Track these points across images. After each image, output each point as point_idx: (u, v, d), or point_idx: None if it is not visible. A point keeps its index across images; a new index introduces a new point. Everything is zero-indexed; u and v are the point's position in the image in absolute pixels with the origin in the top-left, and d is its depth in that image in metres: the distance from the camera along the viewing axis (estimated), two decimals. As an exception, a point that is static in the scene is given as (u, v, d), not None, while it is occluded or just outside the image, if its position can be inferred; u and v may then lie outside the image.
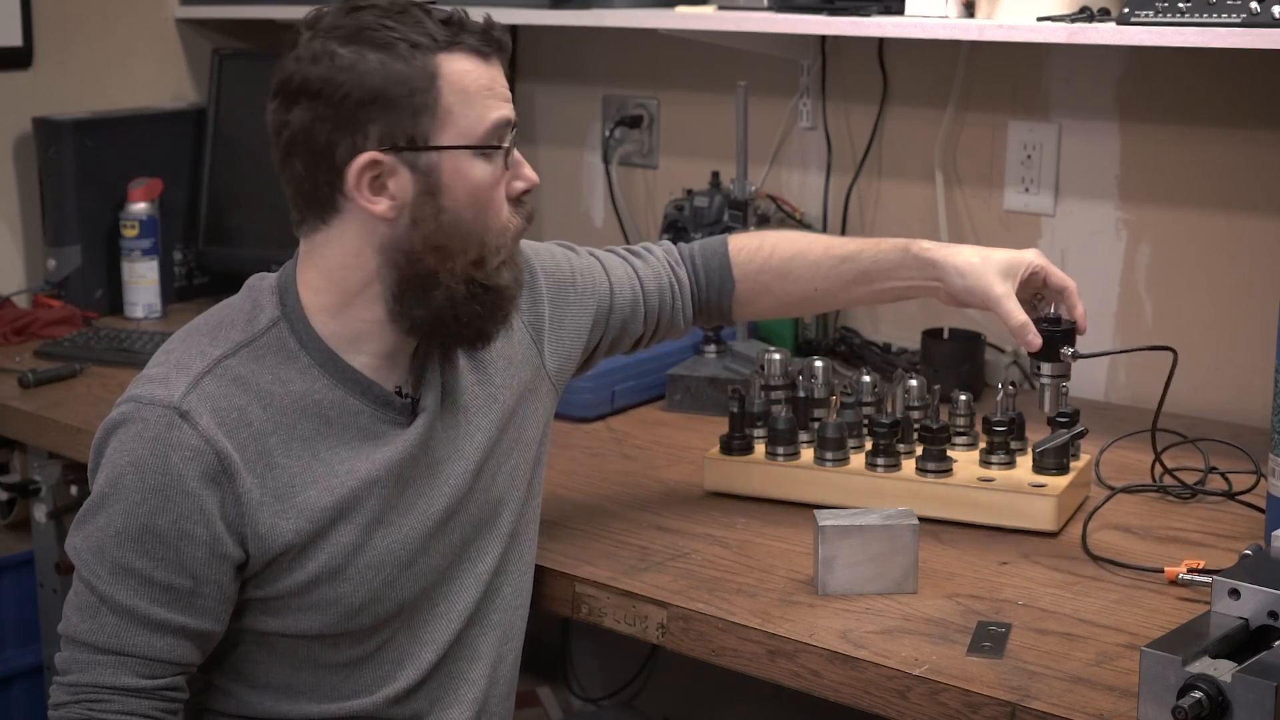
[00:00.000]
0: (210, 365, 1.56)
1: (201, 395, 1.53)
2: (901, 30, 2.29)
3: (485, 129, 1.57)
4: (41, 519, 2.61)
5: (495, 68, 1.59)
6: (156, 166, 3.06)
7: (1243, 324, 2.34)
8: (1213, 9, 1.96)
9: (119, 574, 1.51)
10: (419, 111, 1.54)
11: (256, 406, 1.56)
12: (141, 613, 1.51)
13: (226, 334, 1.60)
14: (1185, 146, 2.38)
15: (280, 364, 1.58)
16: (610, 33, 2.83)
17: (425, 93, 1.54)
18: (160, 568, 1.51)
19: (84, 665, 1.52)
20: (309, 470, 1.57)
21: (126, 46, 3.23)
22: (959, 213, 2.63)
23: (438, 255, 1.57)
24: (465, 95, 1.56)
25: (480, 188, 1.57)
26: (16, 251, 3.08)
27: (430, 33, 1.55)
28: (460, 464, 1.68)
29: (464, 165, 1.57)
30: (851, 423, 2.02)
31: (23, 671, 2.76)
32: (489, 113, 1.57)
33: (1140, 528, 1.92)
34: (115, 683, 1.51)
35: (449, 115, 1.56)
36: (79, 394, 2.54)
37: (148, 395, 1.54)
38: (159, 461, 1.51)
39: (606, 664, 3.08)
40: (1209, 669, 1.35)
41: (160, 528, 1.51)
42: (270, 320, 1.60)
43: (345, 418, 1.60)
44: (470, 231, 1.58)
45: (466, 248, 1.58)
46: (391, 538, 1.62)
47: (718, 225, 2.74)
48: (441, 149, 1.55)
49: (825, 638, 1.62)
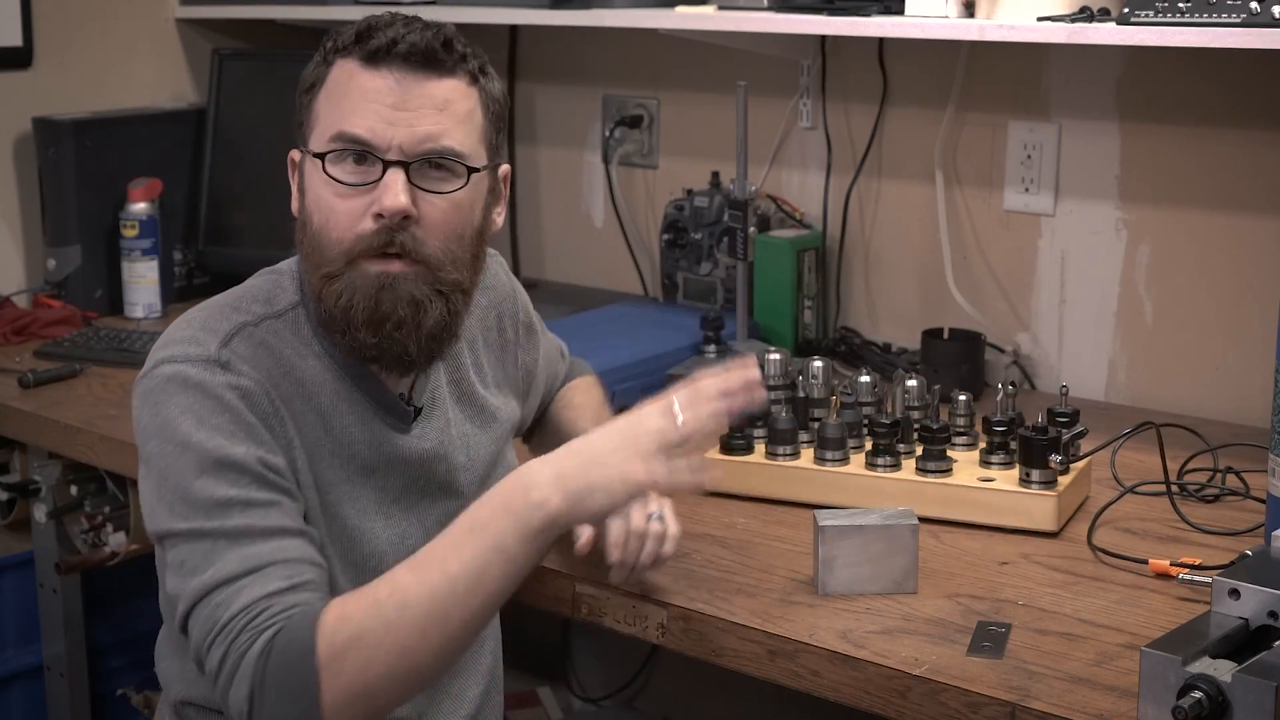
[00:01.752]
0: (237, 328, 1.56)
1: (234, 351, 1.53)
2: (901, 30, 2.29)
3: (328, 137, 1.54)
4: (41, 519, 2.61)
5: (386, 80, 1.53)
6: (156, 166, 3.06)
7: (1243, 324, 2.34)
8: (1213, 9, 1.96)
9: (218, 509, 1.46)
10: (304, 113, 1.58)
11: (279, 371, 1.56)
12: (259, 528, 1.46)
13: (249, 306, 1.60)
14: (1185, 146, 2.38)
15: (296, 344, 1.59)
16: (610, 33, 2.83)
17: (311, 92, 1.57)
18: (253, 488, 1.47)
19: (226, 603, 1.42)
20: (320, 444, 1.58)
21: (126, 46, 3.23)
22: (959, 213, 2.63)
23: (304, 259, 1.59)
24: (330, 103, 1.55)
25: (319, 197, 1.55)
26: (16, 251, 3.08)
27: (342, 40, 1.56)
28: (470, 473, 1.71)
29: (313, 170, 1.56)
30: (851, 423, 2.02)
31: (23, 671, 2.76)
32: (335, 123, 1.54)
33: (1141, 529, 1.92)
34: (264, 592, 1.42)
35: (316, 119, 1.57)
36: (79, 394, 2.54)
37: (181, 354, 1.52)
38: (214, 403, 1.49)
39: (606, 664, 3.08)
40: (1209, 669, 1.35)
41: (237, 457, 1.48)
42: (289, 303, 1.61)
43: (352, 409, 1.61)
44: (313, 239, 1.56)
45: (311, 254, 1.57)
46: (393, 534, 1.63)
47: (718, 225, 2.75)
48: (305, 152, 1.58)
49: (825, 638, 1.62)
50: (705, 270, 2.79)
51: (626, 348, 2.47)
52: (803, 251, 2.71)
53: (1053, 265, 2.54)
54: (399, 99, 1.52)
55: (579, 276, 3.17)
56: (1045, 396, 2.45)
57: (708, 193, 2.80)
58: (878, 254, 2.75)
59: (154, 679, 2.02)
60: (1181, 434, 2.13)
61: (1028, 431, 1.89)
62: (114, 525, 2.56)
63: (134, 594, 2.80)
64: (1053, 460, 1.87)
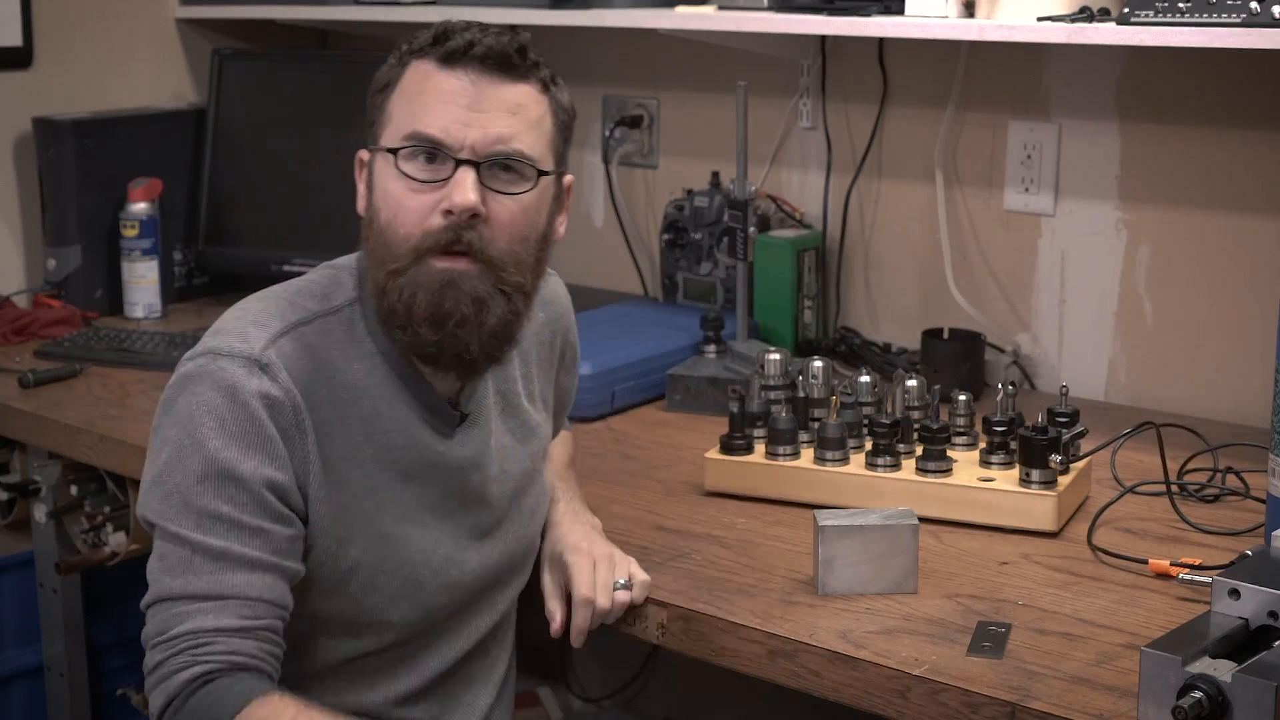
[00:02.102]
0: (287, 328, 1.57)
1: (279, 352, 1.55)
2: (901, 30, 2.29)
3: (401, 135, 1.56)
4: (41, 519, 2.61)
5: (462, 81, 1.55)
6: (156, 166, 3.06)
7: (1243, 324, 2.34)
8: (1213, 9, 1.96)
9: (206, 521, 1.50)
10: (377, 111, 1.59)
11: (322, 377, 1.57)
12: (236, 553, 1.49)
13: (304, 303, 1.61)
14: (1185, 146, 2.38)
15: (347, 343, 1.60)
16: (610, 33, 2.83)
17: (384, 92, 1.59)
18: (247, 511, 1.50)
19: (182, 616, 1.48)
20: (361, 450, 1.59)
21: (126, 46, 3.23)
22: (959, 213, 2.63)
23: (369, 254, 1.60)
24: (405, 102, 1.57)
25: (388, 192, 1.56)
26: (16, 251, 3.08)
27: (419, 42, 1.57)
28: (503, 485, 1.71)
29: (384, 166, 1.57)
30: (851, 423, 2.02)
31: (23, 671, 2.76)
32: (409, 122, 1.55)
33: (1141, 529, 1.92)
34: (217, 624, 1.48)
35: (389, 117, 1.58)
36: (79, 394, 2.54)
37: (225, 347, 1.54)
38: (239, 409, 1.51)
39: (606, 664, 3.07)
40: (1209, 669, 1.35)
41: (242, 474, 1.50)
42: (346, 300, 1.63)
43: (397, 411, 1.61)
44: (379, 233, 1.58)
45: (376, 249, 1.58)
46: (429, 539, 1.64)
47: (717, 225, 2.75)
48: (376, 149, 1.59)
49: (825, 638, 1.62)
50: (705, 270, 2.79)
51: (626, 348, 2.47)
52: (803, 251, 2.70)
53: (1053, 265, 2.54)
54: (473, 100, 1.55)
55: (579, 276, 3.16)
56: (1045, 396, 2.45)
57: (708, 193, 2.80)
58: (878, 254, 2.75)
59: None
60: (1181, 434, 2.13)
61: (1028, 431, 1.89)
62: (114, 525, 2.56)
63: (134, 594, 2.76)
64: (1053, 460, 1.87)
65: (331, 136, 3.02)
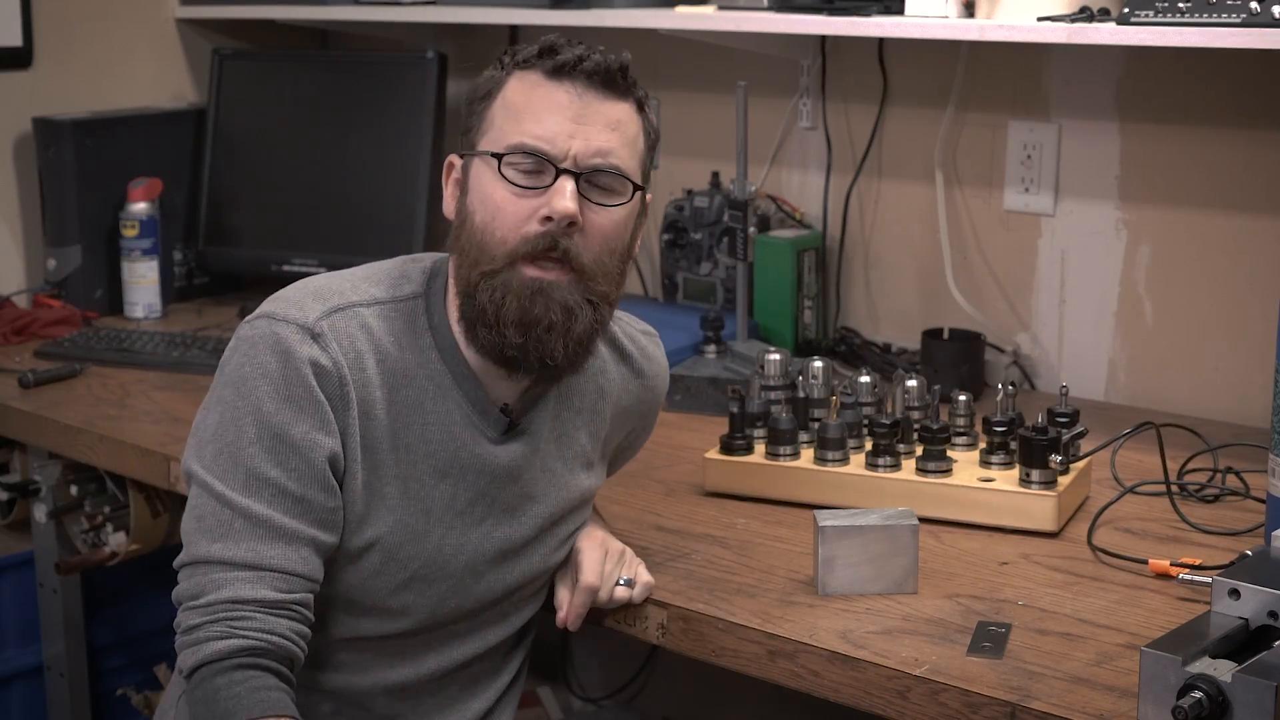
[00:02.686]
0: (346, 304, 1.61)
1: (333, 326, 1.58)
2: (901, 30, 2.29)
3: (506, 143, 1.58)
4: (41, 519, 2.61)
5: (569, 93, 1.58)
6: (156, 166, 3.06)
7: (1243, 324, 2.34)
8: (1213, 9, 1.96)
9: (253, 484, 1.53)
10: (476, 118, 1.62)
11: (372, 358, 1.60)
12: (277, 523, 1.52)
13: (369, 289, 1.64)
14: (1185, 146, 2.38)
15: (405, 333, 1.63)
16: (610, 33, 2.83)
17: (486, 100, 1.62)
18: (293, 478, 1.53)
19: (220, 583, 1.51)
20: (395, 436, 1.61)
21: (126, 46, 3.23)
22: (959, 213, 2.63)
23: (458, 252, 1.62)
24: (509, 110, 1.60)
25: (488, 196, 1.59)
26: (16, 251, 3.08)
27: (524, 54, 1.61)
28: (540, 505, 1.71)
29: (482, 170, 1.60)
30: (851, 423, 2.02)
31: (23, 671, 2.76)
32: (514, 133, 1.58)
33: (1141, 529, 1.92)
34: (255, 595, 1.51)
35: (491, 124, 1.61)
36: (79, 394, 2.54)
37: (281, 313, 1.58)
38: (292, 373, 1.54)
39: (606, 664, 3.07)
40: (1209, 669, 1.35)
41: (293, 437, 1.54)
42: (412, 293, 1.65)
43: (445, 406, 1.63)
44: (472, 234, 1.59)
45: (467, 248, 1.60)
46: (449, 540, 1.65)
47: (718, 225, 2.75)
48: (474, 153, 1.61)
49: (825, 638, 1.62)
50: (705, 270, 2.79)
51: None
52: (803, 251, 2.71)
53: (1053, 265, 2.54)
54: (578, 112, 1.58)
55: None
56: (1045, 396, 2.45)
57: (708, 193, 2.80)
58: (878, 254, 2.75)
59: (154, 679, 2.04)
60: (1181, 434, 2.13)
61: (1028, 431, 1.89)
62: (114, 525, 2.56)
63: (134, 594, 2.80)
64: (1053, 460, 1.87)
65: (331, 136, 3.03)
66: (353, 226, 2.97)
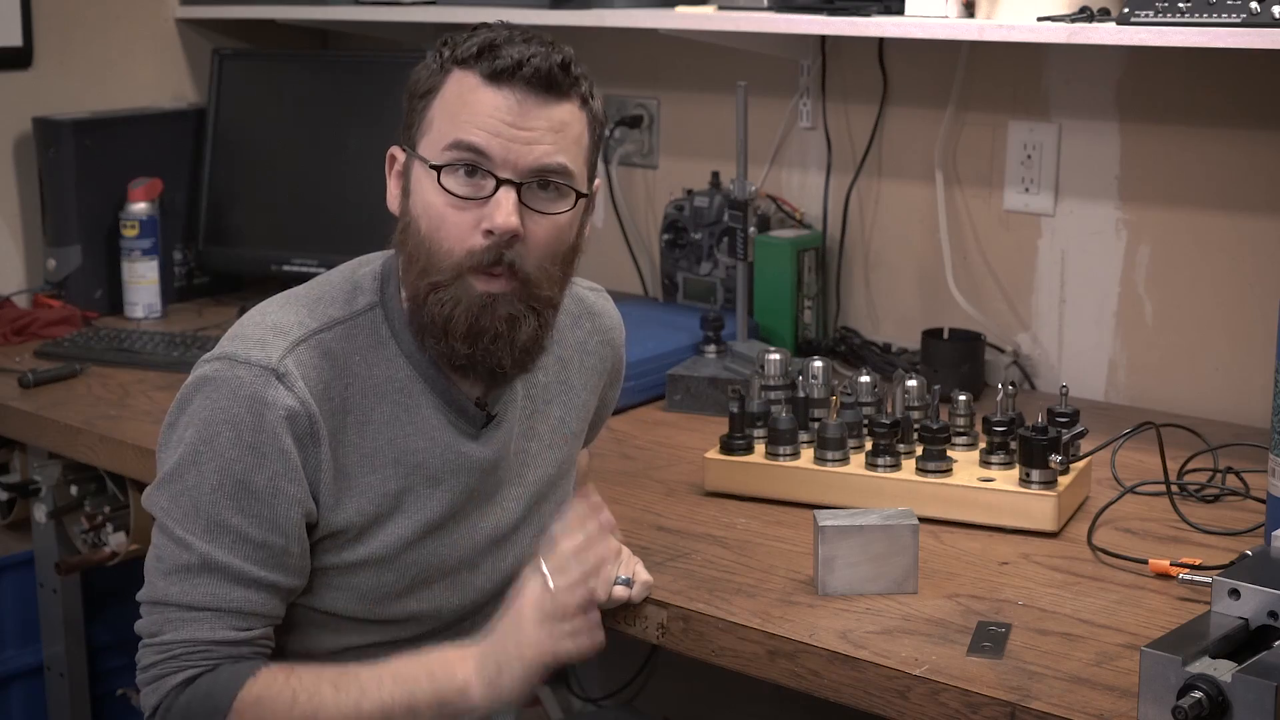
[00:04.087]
0: (306, 335, 1.58)
1: (296, 361, 1.56)
2: (901, 30, 2.29)
3: (442, 146, 1.56)
4: (41, 519, 2.61)
5: (508, 99, 1.54)
6: (156, 166, 3.06)
7: (1243, 324, 2.34)
8: (1213, 9, 1.96)
9: (214, 530, 1.52)
10: (416, 115, 1.60)
11: (340, 383, 1.58)
12: (238, 570, 1.52)
13: (325, 309, 1.62)
14: (1185, 146, 2.38)
15: (370, 348, 1.61)
16: (610, 33, 2.83)
17: (426, 98, 1.59)
18: (255, 525, 1.53)
19: (178, 623, 1.52)
20: (379, 454, 1.60)
21: (126, 46, 3.23)
22: (959, 213, 2.63)
23: (405, 258, 1.60)
24: (447, 112, 1.57)
25: (429, 204, 1.57)
26: (16, 251, 3.08)
27: (465, 50, 1.57)
28: (521, 488, 1.72)
29: (421, 175, 1.58)
30: (851, 423, 2.02)
31: (23, 671, 2.76)
32: (452, 132, 1.55)
33: (1141, 529, 1.92)
34: (213, 636, 1.52)
35: (430, 125, 1.58)
36: (79, 394, 2.54)
37: (243, 354, 1.55)
38: (255, 419, 1.52)
39: (606, 664, 3.07)
40: (1209, 669, 1.35)
41: (256, 485, 1.52)
42: (368, 304, 1.63)
43: (422, 412, 1.62)
44: (419, 244, 1.58)
45: (415, 256, 1.58)
46: (442, 542, 1.65)
47: (717, 225, 2.74)
48: (413, 155, 1.59)
49: (825, 638, 1.62)
50: (705, 270, 2.79)
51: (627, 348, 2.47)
52: (803, 251, 2.71)
53: (1053, 265, 2.54)
54: (518, 118, 1.55)
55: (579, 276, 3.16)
56: (1045, 396, 2.45)
57: (708, 193, 2.80)
58: (878, 254, 2.75)
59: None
60: (1181, 434, 2.13)
61: (1028, 431, 1.89)
62: (114, 525, 2.56)
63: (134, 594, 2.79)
64: (1053, 460, 1.87)
65: (331, 136, 3.03)
66: (353, 226, 2.97)
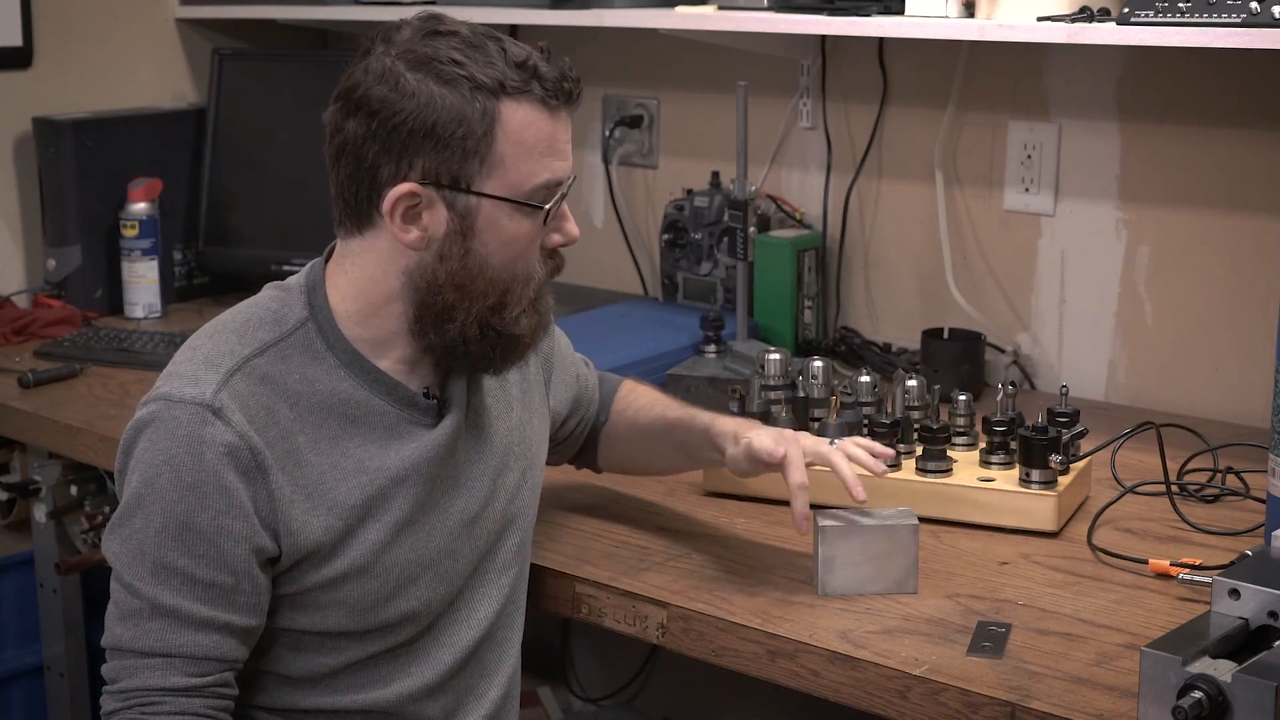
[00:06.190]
0: (239, 364, 1.56)
1: (232, 393, 1.54)
2: (901, 30, 2.29)
3: (533, 185, 1.56)
4: (41, 519, 2.61)
5: (561, 120, 1.57)
6: (156, 166, 3.06)
7: (1243, 324, 2.34)
8: (1213, 9, 1.96)
9: (160, 574, 1.51)
10: (469, 154, 1.54)
11: (284, 405, 1.57)
12: (185, 612, 1.51)
13: (254, 333, 1.60)
14: (1185, 146, 2.38)
15: (307, 364, 1.59)
16: (610, 33, 2.83)
17: (480, 137, 1.53)
18: (202, 565, 1.52)
19: (132, 670, 1.52)
20: (338, 468, 1.59)
21: (126, 46, 3.23)
22: (959, 213, 2.63)
23: (458, 293, 1.58)
24: (522, 147, 1.55)
25: (513, 240, 1.58)
26: (16, 251, 3.08)
27: (499, 75, 1.53)
28: (481, 465, 1.71)
29: (501, 216, 1.57)
30: (851, 423, 2.02)
31: (23, 671, 2.76)
32: (541, 171, 1.56)
33: (1141, 529, 1.92)
34: (165, 684, 1.51)
35: (499, 164, 1.55)
36: (79, 394, 2.54)
37: (177, 393, 1.54)
38: (194, 458, 1.51)
39: (606, 664, 3.08)
40: (1209, 669, 1.35)
41: (200, 524, 1.51)
42: (298, 321, 1.61)
43: (371, 417, 1.61)
44: (495, 279, 1.58)
45: (488, 292, 1.58)
46: (418, 536, 1.64)
47: (717, 225, 2.75)
48: (482, 195, 1.55)
49: (825, 638, 1.62)
50: (705, 270, 2.79)
51: (626, 348, 2.47)
52: (803, 251, 2.71)
53: (1053, 265, 2.54)
54: (568, 136, 1.60)
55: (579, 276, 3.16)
56: (1045, 396, 2.45)
57: (708, 193, 2.80)
58: (878, 254, 2.75)
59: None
60: (1181, 434, 2.13)
61: (1028, 431, 1.89)
62: (114, 525, 2.56)
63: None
64: (1053, 460, 1.87)
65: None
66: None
